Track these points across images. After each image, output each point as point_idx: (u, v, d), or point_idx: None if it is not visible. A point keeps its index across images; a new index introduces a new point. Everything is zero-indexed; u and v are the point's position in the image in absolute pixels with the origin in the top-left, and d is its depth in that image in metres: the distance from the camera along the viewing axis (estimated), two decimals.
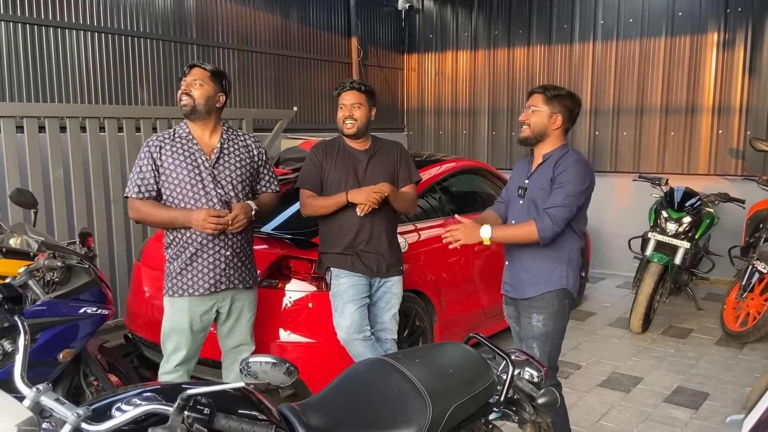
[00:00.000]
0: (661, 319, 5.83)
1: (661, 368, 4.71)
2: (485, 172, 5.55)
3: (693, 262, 6.02)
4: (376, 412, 1.85)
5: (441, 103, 8.68)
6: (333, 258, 3.45)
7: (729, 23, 6.79)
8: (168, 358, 3.10)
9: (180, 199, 2.96)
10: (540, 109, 2.98)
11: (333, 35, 7.77)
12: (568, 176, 2.90)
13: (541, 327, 3.03)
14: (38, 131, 4.48)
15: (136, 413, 1.40)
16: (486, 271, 4.79)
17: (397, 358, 2.06)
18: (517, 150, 8.15)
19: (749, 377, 4.50)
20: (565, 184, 2.88)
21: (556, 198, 2.88)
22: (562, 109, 2.98)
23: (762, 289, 5.23)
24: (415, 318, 4.13)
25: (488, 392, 2.07)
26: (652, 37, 7.20)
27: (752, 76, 6.74)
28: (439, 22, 8.60)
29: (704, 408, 4.03)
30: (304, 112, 7.21)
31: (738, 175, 6.89)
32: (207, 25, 6.32)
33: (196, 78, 2.97)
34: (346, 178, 3.40)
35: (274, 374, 1.40)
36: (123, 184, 4.98)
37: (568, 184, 2.88)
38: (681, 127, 7.16)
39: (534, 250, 3.02)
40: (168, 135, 3.02)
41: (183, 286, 3.02)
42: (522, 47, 8.00)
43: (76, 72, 5.37)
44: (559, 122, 2.98)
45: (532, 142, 3.05)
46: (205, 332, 3.14)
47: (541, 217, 2.89)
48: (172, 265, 3.04)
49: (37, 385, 1.34)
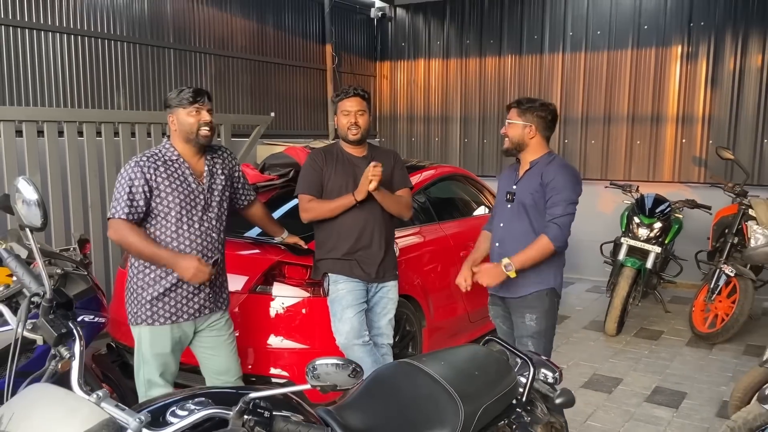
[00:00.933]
0: (633, 321, 6.01)
1: (638, 369, 4.86)
2: (465, 178, 5.64)
3: (662, 267, 6.24)
4: (410, 414, 1.88)
5: (413, 110, 8.76)
6: (331, 263, 3.46)
7: (692, 36, 7.08)
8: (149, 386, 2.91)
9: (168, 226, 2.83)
10: (514, 121, 3.20)
11: (308, 42, 7.77)
12: (559, 182, 3.08)
13: (535, 325, 3.20)
14: (15, 135, 4.36)
15: (197, 417, 1.40)
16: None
17: (422, 360, 2.09)
18: (488, 156, 8.31)
19: (722, 376, 4.69)
20: (560, 190, 3.07)
21: (558, 208, 3.06)
22: (536, 119, 3.17)
23: (729, 292, 5.46)
24: (406, 323, 4.17)
25: (512, 393, 2.12)
26: (619, 49, 7.44)
27: (714, 87, 7.04)
28: (412, 30, 8.70)
29: (684, 407, 4.18)
30: (279, 117, 7.18)
31: (700, 183, 7.17)
32: (184, 29, 6.25)
33: (208, 107, 2.90)
34: (346, 185, 3.42)
35: (339, 376, 1.42)
36: (101, 189, 4.88)
37: (564, 190, 3.07)
38: (647, 136, 7.41)
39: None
40: (158, 156, 2.86)
41: (165, 314, 2.87)
42: (493, 57, 8.16)
43: (51, 75, 5.23)
44: (533, 132, 3.18)
45: (513, 152, 3.27)
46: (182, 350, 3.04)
47: (549, 228, 3.06)
48: (150, 289, 2.86)
49: (96, 392, 1.33)
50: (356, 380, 1.43)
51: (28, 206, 1.51)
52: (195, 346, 3.05)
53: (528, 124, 3.17)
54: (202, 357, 3.08)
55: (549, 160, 3.20)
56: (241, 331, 3.67)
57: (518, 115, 3.19)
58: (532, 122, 3.17)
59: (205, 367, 3.09)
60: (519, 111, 3.20)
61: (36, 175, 4.50)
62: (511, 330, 3.35)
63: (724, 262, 5.56)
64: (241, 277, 3.71)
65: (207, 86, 6.47)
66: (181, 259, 2.77)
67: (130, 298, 2.90)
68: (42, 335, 1.48)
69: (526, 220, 3.19)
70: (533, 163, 3.21)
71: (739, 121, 6.96)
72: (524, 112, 3.18)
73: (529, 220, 3.17)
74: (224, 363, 3.05)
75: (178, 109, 2.86)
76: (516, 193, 3.24)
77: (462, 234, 4.89)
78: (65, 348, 1.45)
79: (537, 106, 3.19)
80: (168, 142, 2.93)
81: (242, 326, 3.68)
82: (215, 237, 2.96)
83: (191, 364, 3.30)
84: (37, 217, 1.52)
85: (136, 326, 2.88)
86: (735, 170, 6.76)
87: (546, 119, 3.20)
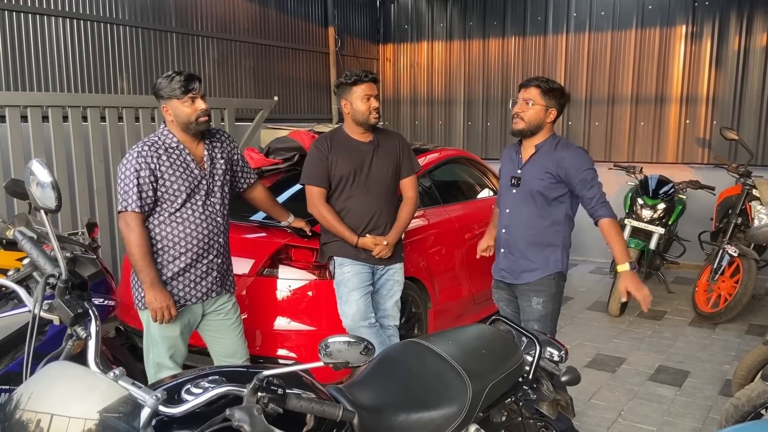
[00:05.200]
0: (635, 302, 5.98)
1: (641, 349, 4.90)
2: (469, 160, 5.64)
3: (665, 247, 6.27)
4: (419, 391, 1.92)
5: (416, 93, 8.74)
6: (337, 247, 3.49)
7: (696, 16, 7.04)
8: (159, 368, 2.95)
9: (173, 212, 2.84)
10: (538, 102, 3.01)
11: (311, 25, 7.74)
12: (579, 162, 3.00)
13: (541, 309, 3.16)
14: (20, 120, 4.37)
15: (212, 395, 1.43)
16: (474, 258, 4.88)
17: (430, 340, 2.12)
18: (492, 139, 8.30)
19: (725, 355, 4.73)
20: (583, 169, 2.99)
21: (594, 189, 2.99)
22: (556, 103, 3.04)
23: (732, 272, 5.48)
24: (412, 305, 4.20)
25: (519, 371, 2.15)
26: (623, 29, 7.40)
27: (718, 68, 7.01)
28: (414, 12, 8.65)
29: (687, 385, 4.22)
30: (282, 101, 7.17)
31: (704, 164, 7.16)
32: (186, 13, 6.23)
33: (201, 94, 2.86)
34: (353, 172, 3.43)
35: (351, 353, 1.44)
36: (106, 174, 4.90)
37: (587, 169, 3.00)
38: (650, 117, 7.40)
39: (532, 238, 3.13)
40: (158, 144, 2.84)
41: (174, 297, 2.87)
42: (496, 38, 8.12)
43: (55, 60, 5.24)
44: (554, 115, 3.05)
45: (527, 134, 3.07)
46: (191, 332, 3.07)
47: (601, 209, 2.99)
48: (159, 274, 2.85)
49: (113, 370, 1.36)
50: (368, 357, 1.46)
51: (43, 188, 1.53)
52: (202, 330, 3.09)
53: (551, 107, 3.01)
54: (209, 340, 3.12)
55: (555, 142, 3.08)
56: (249, 313, 3.71)
57: (541, 95, 3.00)
58: (554, 106, 3.02)
59: (212, 349, 3.13)
60: (542, 92, 3.00)
61: (41, 158, 4.52)
62: (515, 313, 3.31)
63: (727, 243, 5.58)
64: (248, 260, 3.74)
65: (209, 70, 6.47)
66: (158, 291, 2.77)
67: (137, 283, 2.92)
68: (58, 315, 1.51)
69: (533, 205, 3.09)
70: (539, 146, 3.08)
71: (743, 102, 6.94)
72: (547, 93, 3.00)
73: (536, 206, 3.09)
74: (231, 346, 3.09)
75: (172, 100, 2.82)
76: (522, 177, 3.11)
77: (467, 216, 4.91)
78: (81, 328, 1.48)
79: (558, 89, 3.04)
80: (166, 128, 2.90)
81: (249, 309, 3.72)
82: (220, 221, 2.98)
83: (199, 345, 3.35)
84: (52, 199, 1.54)
85: (144, 310, 2.90)
86: (739, 151, 6.76)
87: (563, 104, 3.08)
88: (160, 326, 2.86)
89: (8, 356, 2.68)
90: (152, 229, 2.85)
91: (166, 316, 2.78)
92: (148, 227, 2.83)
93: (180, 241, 2.86)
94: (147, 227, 2.83)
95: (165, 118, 2.91)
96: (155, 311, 2.77)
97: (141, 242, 2.76)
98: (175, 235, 2.85)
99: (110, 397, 1.28)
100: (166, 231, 2.85)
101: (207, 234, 2.91)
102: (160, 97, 2.86)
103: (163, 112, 2.89)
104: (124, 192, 2.76)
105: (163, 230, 2.85)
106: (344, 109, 3.49)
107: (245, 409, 1.39)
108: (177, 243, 2.86)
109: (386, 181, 3.53)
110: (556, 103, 3.04)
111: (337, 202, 3.48)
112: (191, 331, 3.04)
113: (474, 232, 4.87)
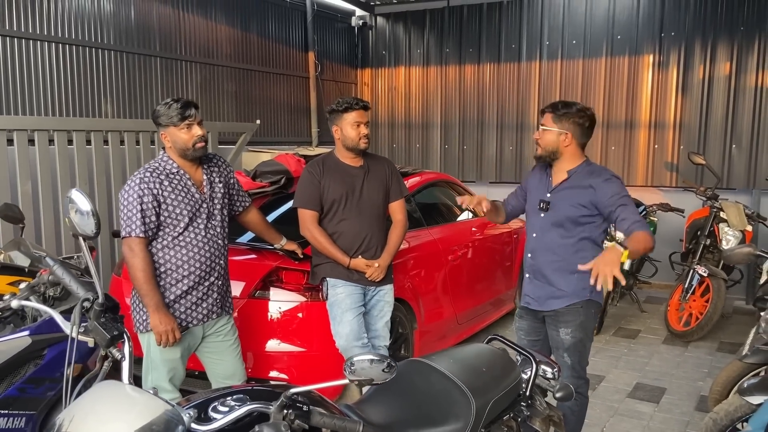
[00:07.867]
0: (611, 321, 6.22)
1: (619, 366, 5.05)
2: (449, 183, 5.78)
3: (638, 267, 6.48)
4: (427, 408, 2.00)
5: (394, 117, 8.90)
6: (330, 268, 3.57)
7: (663, 46, 7.35)
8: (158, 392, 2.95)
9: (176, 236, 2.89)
10: (549, 128, 3.00)
11: (291, 50, 7.87)
12: (614, 188, 2.94)
13: (570, 339, 3.08)
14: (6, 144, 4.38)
15: (240, 413, 1.50)
16: (458, 279, 5.01)
17: (432, 359, 2.22)
18: (468, 162, 8.48)
19: (698, 372, 4.91)
20: (619, 194, 2.92)
21: (626, 212, 2.87)
22: (572, 126, 2.98)
23: (702, 291, 5.70)
24: (399, 326, 4.29)
25: (518, 388, 2.26)
26: (594, 57, 7.69)
27: (684, 95, 7.32)
28: (392, 39, 8.84)
29: (664, 402, 4.37)
30: (263, 124, 7.25)
31: (673, 187, 7.43)
32: (170, 38, 6.30)
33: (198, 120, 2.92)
34: (345, 196, 3.52)
35: (374, 370, 1.53)
36: (91, 196, 4.89)
37: (624, 197, 2.92)
38: (621, 141, 7.66)
39: (558, 264, 3.06)
40: (159, 170, 2.90)
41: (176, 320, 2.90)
42: (472, 64, 8.34)
43: (40, 83, 5.25)
44: (569, 140, 2.99)
45: (547, 160, 3.08)
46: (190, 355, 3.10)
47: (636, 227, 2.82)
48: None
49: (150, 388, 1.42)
50: (390, 375, 1.54)
51: (82, 216, 1.59)
52: (201, 352, 3.12)
53: (564, 131, 2.97)
54: (208, 362, 3.15)
55: (589, 170, 3.03)
56: (241, 335, 3.73)
57: (554, 121, 2.98)
58: (568, 129, 2.97)
59: (211, 371, 3.17)
60: (554, 117, 2.99)
61: (27, 183, 4.52)
62: (533, 341, 3.22)
63: (697, 263, 5.80)
64: (240, 282, 3.79)
65: (193, 94, 6.52)
66: (163, 315, 2.81)
67: (138, 306, 2.95)
68: (94, 338, 1.56)
69: (561, 231, 3.04)
70: (571, 172, 3.02)
71: (708, 127, 7.24)
72: (560, 119, 2.97)
73: (565, 231, 3.03)
74: (230, 367, 3.13)
75: (170, 127, 2.88)
76: (551, 202, 3.06)
77: (449, 238, 5.03)
78: (116, 350, 1.54)
79: (574, 112, 2.98)
80: (165, 154, 2.96)
81: (242, 330, 3.73)
82: (221, 243, 3.05)
83: (193, 369, 3.39)
84: (91, 225, 1.60)
85: (144, 333, 2.93)
86: (705, 174, 7.03)
87: (583, 126, 3.00)
88: (162, 349, 2.89)
89: (6, 381, 2.68)
90: (155, 254, 2.90)
91: (170, 339, 2.82)
92: (151, 251, 2.88)
93: (183, 264, 2.91)
94: (150, 251, 2.88)
95: (164, 144, 2.97)
96: (160, 334, 2.81)
97: (145, 266, 2.81)
98: (178, 259, 2.90)
99: (148, 414, 1.34)
100: (169, 255, 2.90)
101: (209, 257, 2.97)
102: (159, 124, 2.93)
103: (162, 139, 2.96)
104: (127, 218, 2.81)
105: (166, 254, 2.90)
106: (335, 134, 3.59)
107: (273, 425, 1.47)
108: (180, 266, 2.91)
109: (377, 205, 3.63)
110: (574, 126, 2.98)
111: (330, 225, 3.57)
112: (190, 354, 3.07)
113: (456, 253, 5.00)
